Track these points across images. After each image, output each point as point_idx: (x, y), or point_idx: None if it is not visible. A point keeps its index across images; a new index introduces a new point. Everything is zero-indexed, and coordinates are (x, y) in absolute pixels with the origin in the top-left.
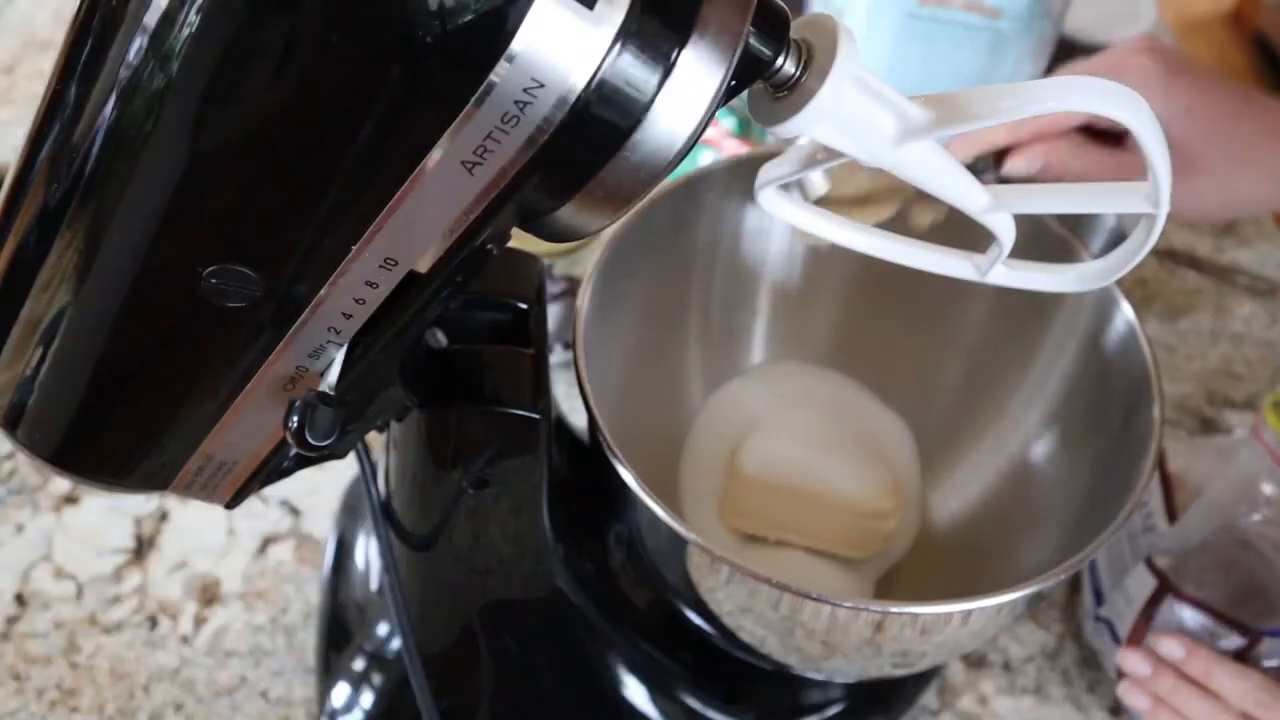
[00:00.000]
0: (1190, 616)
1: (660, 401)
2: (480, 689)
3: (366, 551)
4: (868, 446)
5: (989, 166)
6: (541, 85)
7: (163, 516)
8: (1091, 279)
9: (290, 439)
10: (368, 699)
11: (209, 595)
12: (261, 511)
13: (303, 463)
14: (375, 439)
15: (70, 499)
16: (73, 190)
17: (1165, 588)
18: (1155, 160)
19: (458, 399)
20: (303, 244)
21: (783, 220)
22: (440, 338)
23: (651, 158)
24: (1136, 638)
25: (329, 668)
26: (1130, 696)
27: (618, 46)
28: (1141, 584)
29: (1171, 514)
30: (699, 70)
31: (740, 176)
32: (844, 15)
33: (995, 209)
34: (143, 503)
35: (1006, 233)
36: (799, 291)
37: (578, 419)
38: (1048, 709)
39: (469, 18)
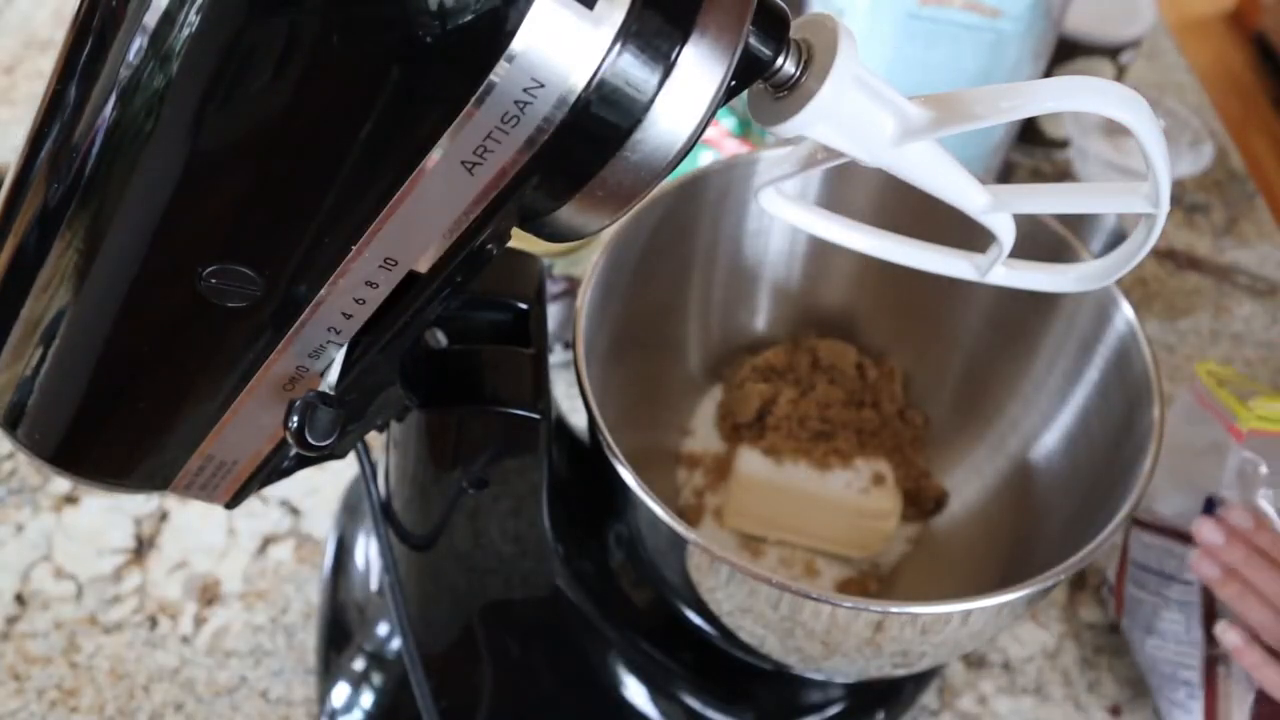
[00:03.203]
0: (1151, 541)
1: (660, 401)
2: (480, 689)
3: (366, 551)
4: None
5: None
6: (541, 85)
7: (163, 516)
8: (1091, 279)
9: (290, 439)
10: (368, 699)
11: (209, 595)
12: (261, 511)
13: (303, 463)
14: (375, 439)
15: (70, 499)
16: (73, 190)
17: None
18: (1155, 161)
19: (458, 399)
20: (303, 244)
21: (783, 220)
22: (440, 338)
23: (651, 157)
24: (1122, 577)
25: (329, 668)
26: (1202, 566)
27: (618, 46)
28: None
29: None
30: (699, 70)
31: (740, 176)
32: (844, 15)
33: (995, 209)
34: (143, 503)
35: (1006, 233)
36: (798, 292)
37: (578, 419)
38: (1048, 709)
39: (469, 18)
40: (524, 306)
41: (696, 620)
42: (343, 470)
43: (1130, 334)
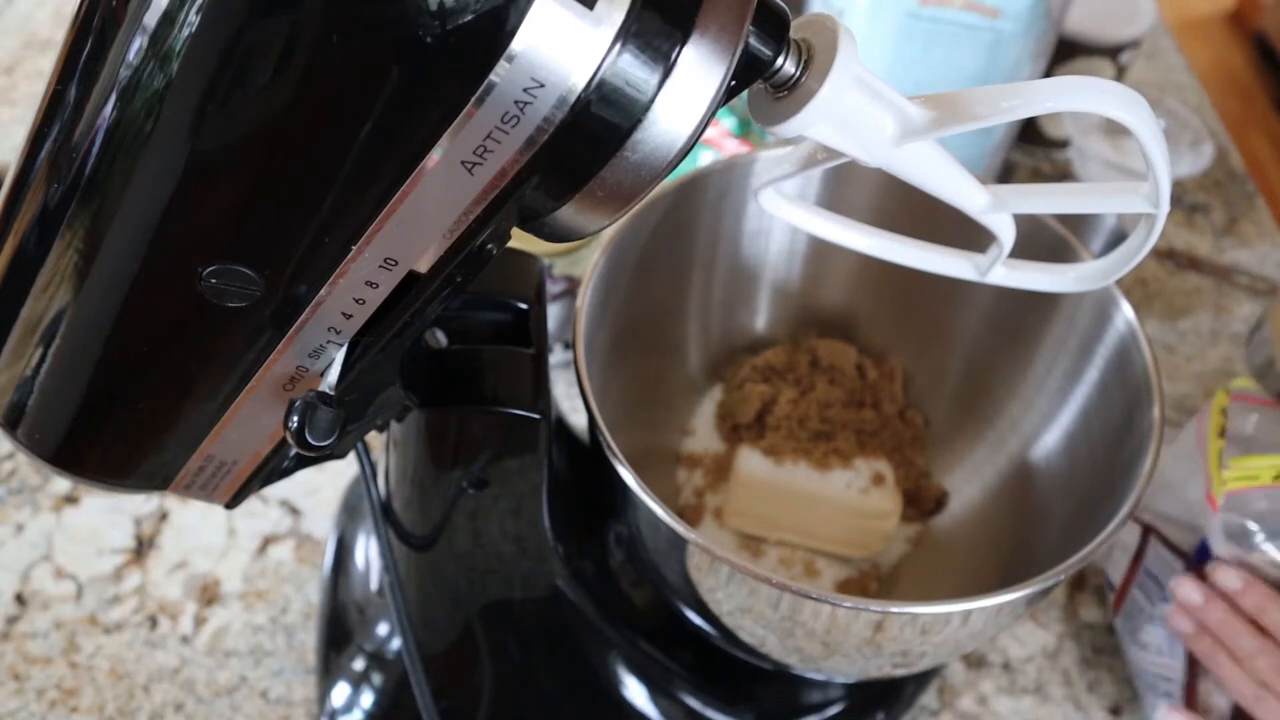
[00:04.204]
0: (1165, 555)
1: (660, 402)
2: (480, 689)
3: (366, 551)
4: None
5: None
6: (541, 85)
7: (163, 516)
8: (1091, 279)
9: (290, 439)
10: (368, 699)
11: (209, 595)
12: (261, 511)
13: (303, 463)
14: (375, 439)
15: (70, 499)
16: (73, 190)
17: (1149, 532)
18: (1155, 161)
19: (458, 399)
20: (303, 244)
21: (783, 220)
22: (440, 338)
23: (651, 157)
24: (1130, 579)
25: (329, 668)
26: (1177, 620)
27: (618, 46)
28: (1129, 533)
29: None
30: (699, 70)
31: (740, 176)
32: (844, 15)
33: (995, 209)
34: (143, 503)
35: (1007, 233)
36: (798, 292)
37: (578, 419)
38: (1048, 709)
39: (469, 18)
40: (524, 306)
41: (696, 620)
42: (343, 470)
43: (1130, 334)
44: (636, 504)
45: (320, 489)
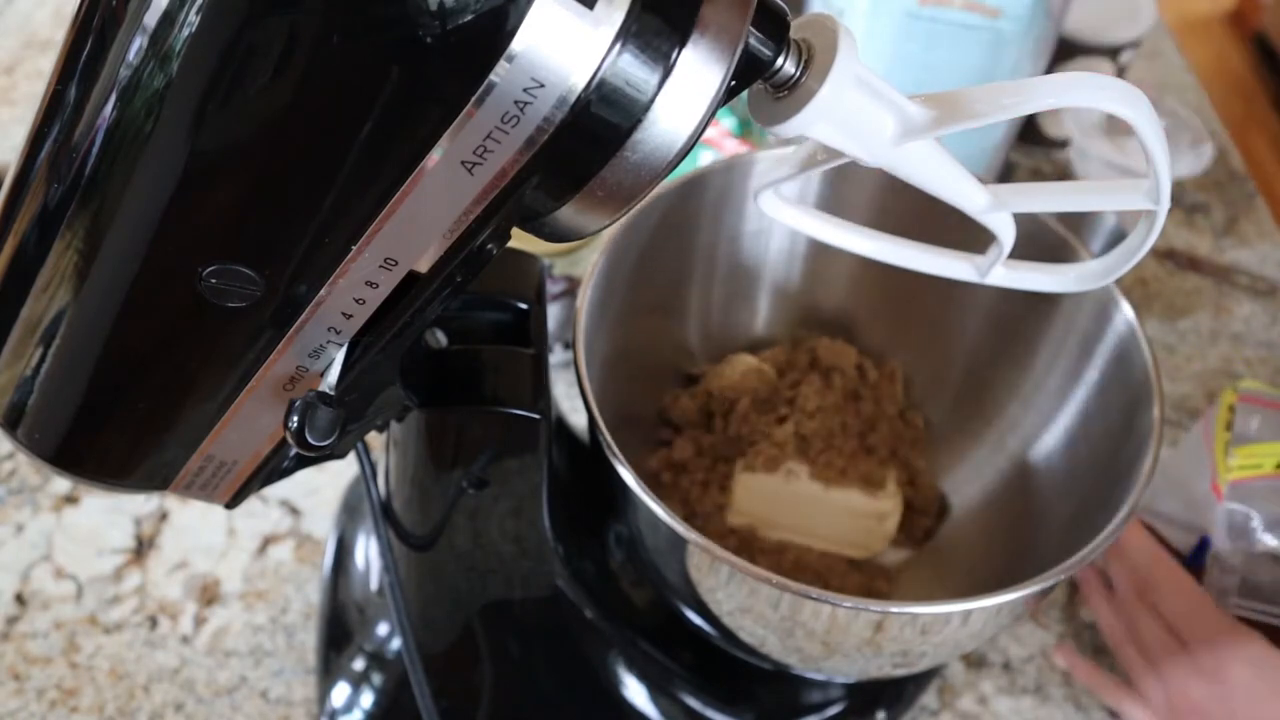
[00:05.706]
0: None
1: (661, 402)
2: (480, 689)
3: (366, 551)
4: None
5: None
6: (541, 85)
7: (163, 516)
8: (1091, 279)
9: (290, 439)
10: (368, 699)
11: (209, 595)
12: (261, 511)
13: (303, 463)
14: (375, 439)
15: (70, 499)
16: (73, 190)
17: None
18: (1156, 155)
19: (458, 399)
20: (303, 244)
21: (782, 222)
22: (440, 338)
23: (651, 157)
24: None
25: (329, 668)
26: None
27: (618, 46)
28: None
29: None
30: (699, 70)
31: (740, 176)
32: (844, 15)
33: (995, 209)
34: (143, 503)
35: (1007, 233)
36: (798, 292)
37: (578, 419)
38: (1048, 709)
39: (469, 18)
40: (524, 306)
41: (696, 620)
42: (343, 470)
43: (1130, 334)
44: (636, 504)
45: (320, 489)
